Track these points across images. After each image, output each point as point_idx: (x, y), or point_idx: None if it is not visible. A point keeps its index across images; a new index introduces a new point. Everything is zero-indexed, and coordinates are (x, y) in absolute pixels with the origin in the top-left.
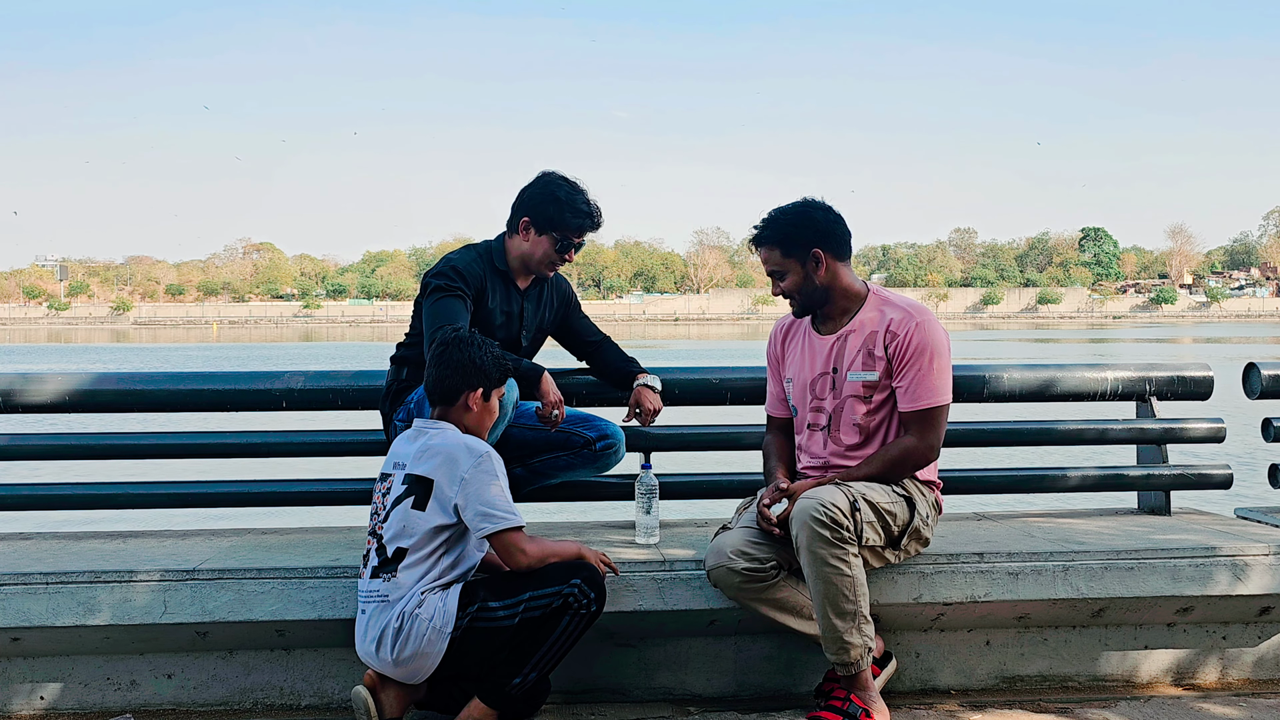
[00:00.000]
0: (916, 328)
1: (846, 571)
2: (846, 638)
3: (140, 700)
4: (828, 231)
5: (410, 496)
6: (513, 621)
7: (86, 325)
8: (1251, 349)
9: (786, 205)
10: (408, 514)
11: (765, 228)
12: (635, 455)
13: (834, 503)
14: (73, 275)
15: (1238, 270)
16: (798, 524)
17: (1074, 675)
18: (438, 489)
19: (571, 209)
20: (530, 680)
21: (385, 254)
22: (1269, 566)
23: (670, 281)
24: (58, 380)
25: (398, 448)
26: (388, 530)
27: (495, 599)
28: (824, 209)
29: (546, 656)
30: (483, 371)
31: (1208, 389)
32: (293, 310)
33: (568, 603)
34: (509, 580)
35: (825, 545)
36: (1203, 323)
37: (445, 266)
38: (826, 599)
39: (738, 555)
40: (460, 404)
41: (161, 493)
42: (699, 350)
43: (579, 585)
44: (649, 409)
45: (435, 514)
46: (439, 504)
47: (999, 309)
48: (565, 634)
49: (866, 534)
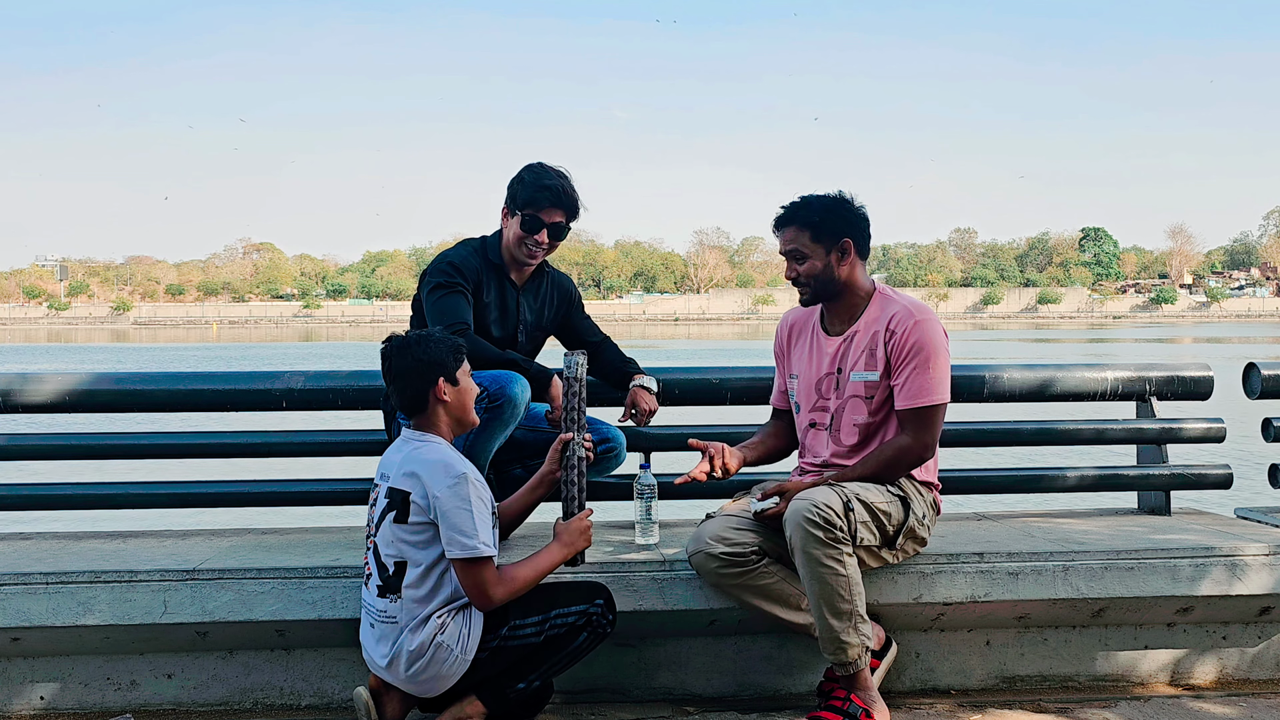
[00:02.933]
0: (915, 326)
1: (841, 571)
2: (844, 637)
3: (140, 700)
4: (860, 226)
5: (392, 510)
6: (539, 639)
7: (86, 325)
8: (1251, 349)
9: (821, 193)
10: (392, 528)
11: (800, 208)
12: (635, 455)
13: (827, 503)
14: (73, 275)
15: (1238, 270)
16: (791, 525)
17: (1074, 675)
18: (414, 504)
19: (536, 186)
20: (534, 687)
21: (385, 254)
22: (1268, 566)
23: (670, 281)
24: (57, 380)
25: (387, 457)
26: (380, 543)
27: (523, 616)
28: (855, 205)
29: (554, 667)
30: (434, 362)
31: (1207, 389)
32: (293, 310)
33: (590, 620)
34: (536, 597)
35: (819, 546)
36: (1203, 323)
37: (443, 263)
38: (822, 599)
39: (716, 540)
40: (432, 402)
41: (161, 493)
42: (699, 350)
43: (602, 605)
44: (645, 409)
45: (415, 529)
46: (417, 520)
47: (999, 309)
48: (580, 649)
49: (861, 534)
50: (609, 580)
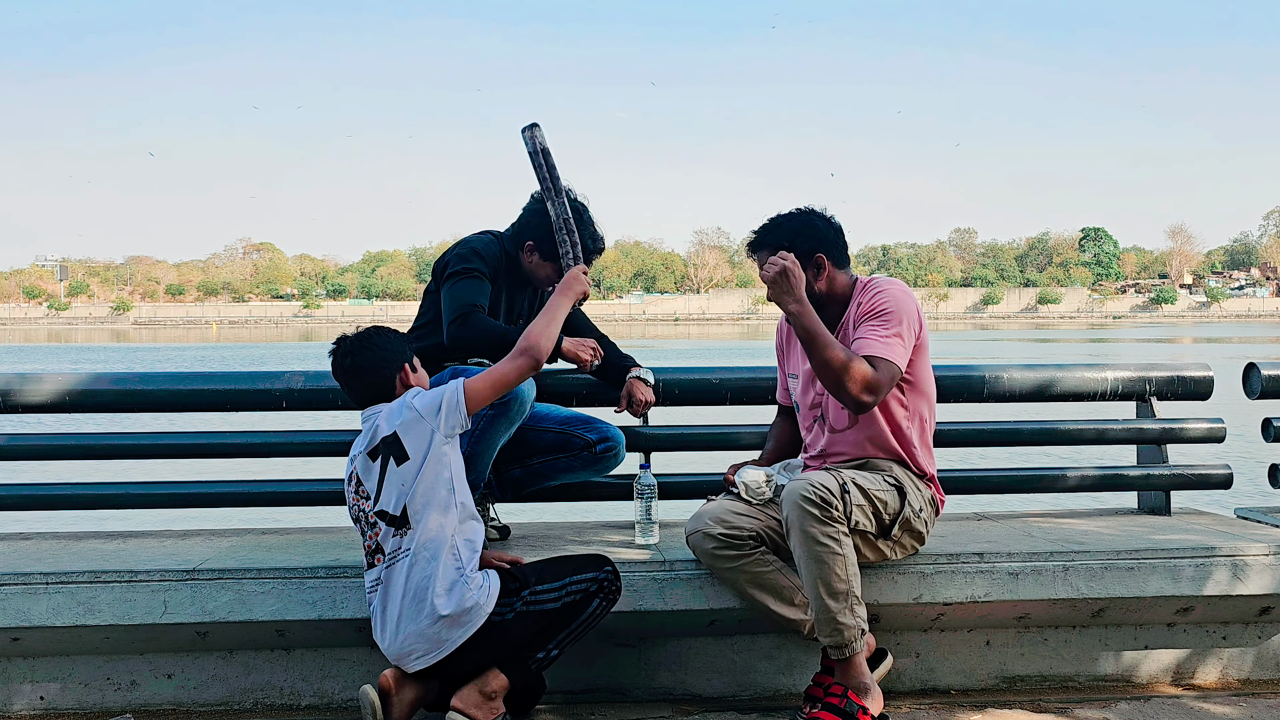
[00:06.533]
0: (880, 292)
1: (837, 550)
2: (840, 618)
3: (140, 700)
4: (829, 238)
5: (390, 459)
6: (557, 605)
7: (86, 325)
8: (1251, 349)
9: (787, 212)
10: (396, 472)
11: (767, 232)
12: (635, 455)
13: (823, 483)
14: (73, 275)
15: (1238, 270)
16: (788, 505)
17: (1074, 675)
18: (405, 435)
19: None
20: (552, 656)
21: (385, 254)
22: (1269, 566)
23: (670, 281)
24: (57, 380)
25: (355, 445)
26: (386, 502)
27: (543, 583)
28: (824, 217)
29: (571, 635)
30: (397, 351)
31: (1207, 389)
32: (293, 310)
33: (602, 586)
34: (548, 564)
35: (816, 523)
36: (1203, 323)
37: (465, 249)
38: (819, 578)
39: (715, 522)
40: (398, 389)
41: (161, 493)
42: (699, 350)
43: (610, 572)
44: (640, 400)
45: (419, 453)
46: (416, 443)
47: (999, 309)
48: (593, 615)
49: (856, 517)
50: None
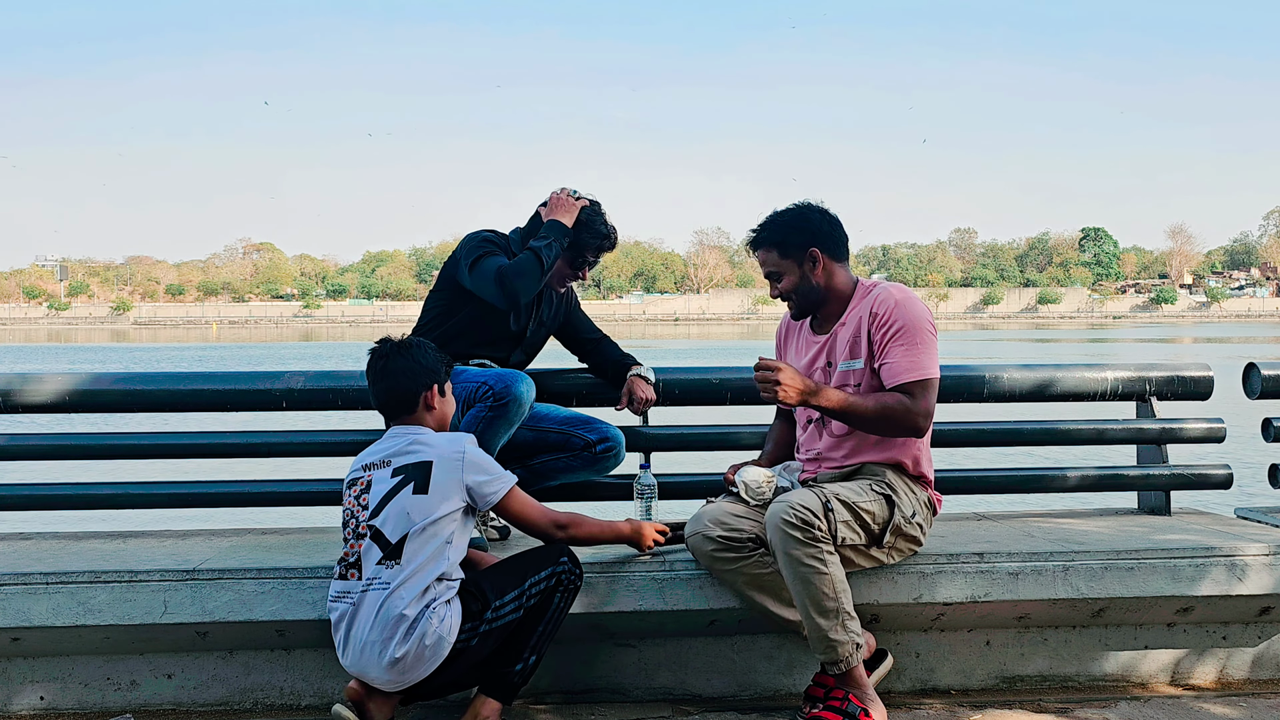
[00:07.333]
0: (896, 305)
1: (823, 569)
2: (832, 636)
3: (140, 700)
4: (824, 231)
5: (409, 484)
6: (519, 614)
7: (86, 325)
8: (1251, 349)
9: (783, 208)
10: (409, 500)
11: (762, 229)
12: (634, 455)
13: (805, 504)
14: (73, 275)
15: (1238, 270)
16: (771, 528)
17: (1074, 675)
18: (438, 469)
19: (590, 229)
20: (530, 664)
21: (385, 254)
22: (1269, 566)
23: (670, 281)
24: (57, 380)
25: (376, 447)
26: (384, 522)
27: (500, 595)
28: (820, 211)
29: (542, 638)
30: (431, 369)
31: (1207, 389)
32: (293, 310)
33: (560, 580)
34: (505, 572)
35: (799, 546)
36: (1203, 323)
37: (474, 239)
38: (808, 599)
39: (715, 524)
40: (420, 406)
41: (161, 493)
42: (699, 350)
43: (567, 562)
44: (640, 397)
45: (439, 495)
46: (442, 485)
47: (999, 309)
48: (558, 611)
49: (843, 533)
50: (609, 580)
